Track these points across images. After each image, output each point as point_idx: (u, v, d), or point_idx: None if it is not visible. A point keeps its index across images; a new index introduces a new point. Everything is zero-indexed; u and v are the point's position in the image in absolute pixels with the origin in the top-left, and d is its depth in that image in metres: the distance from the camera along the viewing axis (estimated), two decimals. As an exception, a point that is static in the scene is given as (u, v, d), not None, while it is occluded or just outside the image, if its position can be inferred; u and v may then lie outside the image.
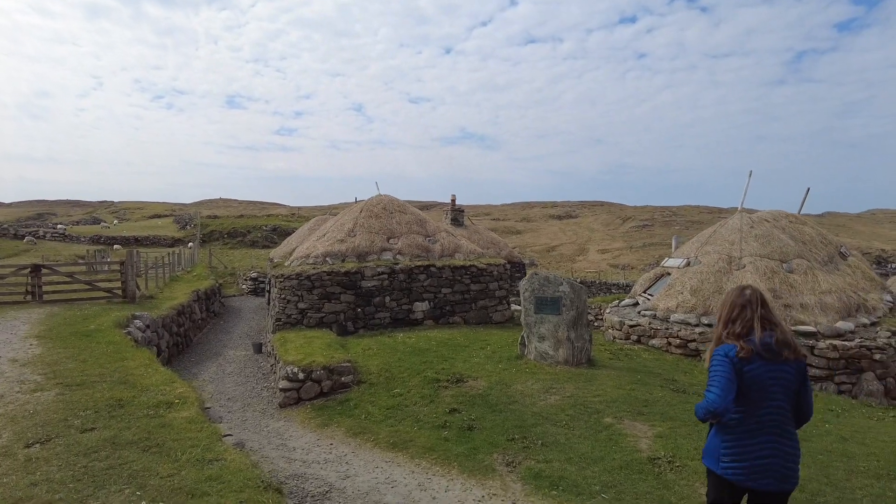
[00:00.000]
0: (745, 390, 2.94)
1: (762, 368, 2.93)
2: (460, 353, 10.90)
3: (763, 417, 2.95)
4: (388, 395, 8.99)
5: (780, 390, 2.95)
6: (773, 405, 2.95)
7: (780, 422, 2.96)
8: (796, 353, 2.98)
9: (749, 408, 2.96)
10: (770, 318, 3.06)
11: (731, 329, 3.06)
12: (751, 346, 2.94)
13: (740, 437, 2.98)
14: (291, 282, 14.15)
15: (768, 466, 2.92)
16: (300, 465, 6.80)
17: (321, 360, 9.91)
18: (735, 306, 3.12)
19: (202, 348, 17.17)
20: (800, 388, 3.02)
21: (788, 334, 3.06)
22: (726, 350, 3.00)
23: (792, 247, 12.48)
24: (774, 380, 2.94)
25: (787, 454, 2.96)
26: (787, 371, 2.96)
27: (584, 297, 9.75)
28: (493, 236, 32.52)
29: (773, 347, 2.95)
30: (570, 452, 6.06)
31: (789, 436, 2.99)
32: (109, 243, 52.64)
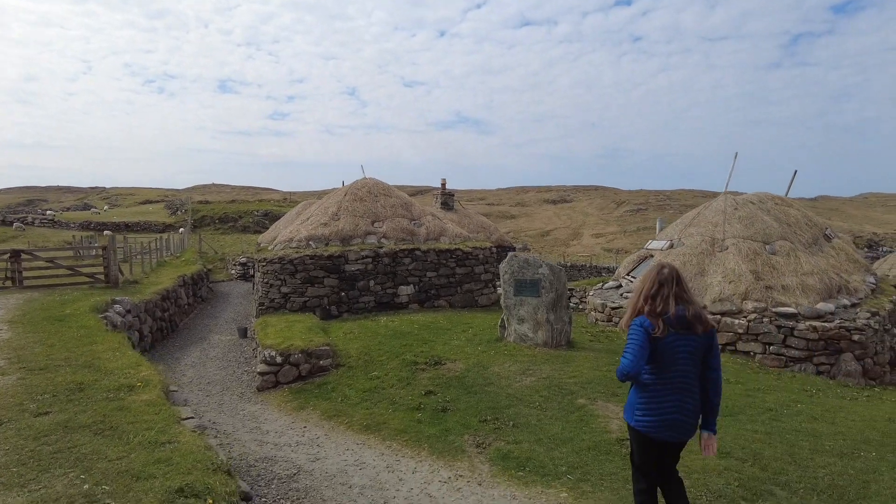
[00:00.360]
0: (657, 357, 3.31)
1: (674, 339, 3.28)
2: (441, 336, 10.86)
3: (672, 380, 3.33)
4: (365, 378, 8.95)
5: (687, 358, 3.32)
6: (680, 370, 3.32)
7: (685, 384, 3.34)
8: (705, 326, 3.33)
9: (660, 371, 3.34)
10: (683, 295, 3.36)
11: (651, 305, 3.34)
12: (667, 324, 3.27)
13: (652, 396, 3.37)
14: (274, 266, 14.04)
15: (673, 421, 3.35)
16: (271, 447, 6.76)
17: (300, 344, 9.84)
18: (654, 282, 3.40)
19: (188, 333, 17.07)
20: (706, 355, 3.39)
21: (699, 310, 3.38)
22: (642, 321, 3.31)
23: (775, 228, 12.44)
24: (683, 349, 3.30)
25: (689, 411, 3.37)
26: (696, 342, 3.32)
27: (563, 280, 9.70)
28: (484, 220, 32.44)
29: (686, 321, 3.29)
30: (541, 433, 6.04)
31: (692, 395, 3.38)
32: (99, 229, 52.26)
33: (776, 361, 10.09)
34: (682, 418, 3.35)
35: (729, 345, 10.50)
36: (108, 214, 69.03)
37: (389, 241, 15.25)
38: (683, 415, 3.35)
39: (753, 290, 10.86)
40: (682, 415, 3.34)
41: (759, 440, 5.38)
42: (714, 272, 11.47)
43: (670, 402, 3.33)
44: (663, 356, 3.29)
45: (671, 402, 3.33)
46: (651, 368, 3.34)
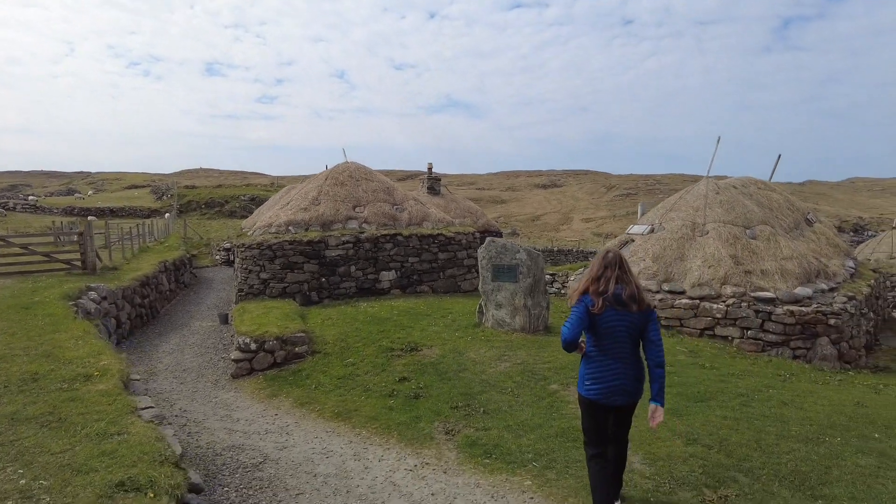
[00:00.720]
0: (600, 332, 3.71)
1: (613, 316, 3.68)
2: (420, 322, 10.77)
3: (612, 351, 3.73)
4: (341, 365, 8.86)
5: (625, 332, 3.71)
6: (618, 343, 3.72)
7: (624, 355, 3.75)
8: (641, 305, 3.72)
9: (603, 344, 3.74)
10: (624, 277, 3.75)
11: (595, 286, 3.73)
12: (605, 301, 3.65)
13: (597, 367, 3.78)
14: (252, 251, 13.85)
15: (618, 387, 3.77)
16: (240, 435, 6.67)
17: (275, 331, 9.72)
18: (601, 266, 3.81)
19: (168, 319, 16.87)
20: (645, 331, 3.76)
21: (637, 290, 3.75)
22: (585, 298, 3.73)
23: (757, 213, 12.42)
24: (620, 324, 3.69)
25: (631, 377, 3.80)
26: (634, 318, 3.71)
27: (541, 265, 9.61)
28: (471, 205, 32.27)
29: (622, 300, 3.68)
30: (511, 420, 5.99)
31: (633, 364, 3.81)
32: (83, 214, 51.54)
33: (753, 346, 10.11)
34: (624, 383, 3.77)
35: (707, 329, 10.51)
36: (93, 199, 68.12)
37: (371, 226, 15.09)
38: (626, 381, 3.78)
39: (733, 275, 10.84)
40: (624, 381, 3.77)
41: (727, 426, 5.35)
42: (694, 257, 11.44)
43: (612, 371, 3.74)
44: (603, 331, 3.70)
45: (613, 371, 3.74)
46: (594, 342, 3.77)
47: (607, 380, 3.75)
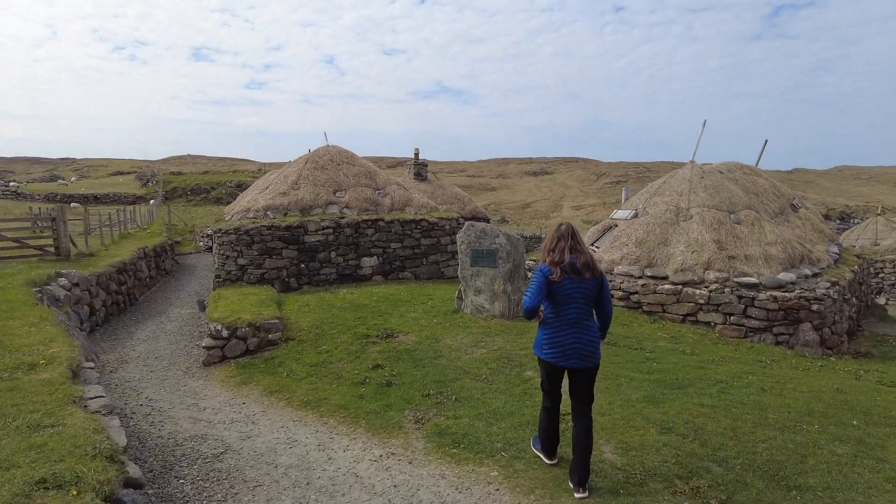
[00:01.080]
0: (556, 298, 3.98)
1: (569, 283, 3.94)
2: (399, 309, 10.55)
3: (568, 317, 3.98)
4: (315, 352, 8.62)
5: (581, 298, 3.97)
6: (575, 308, 3.97)
7: (580, 320, 3.99)
8: (594, 273, 3.99)
9: (559, 310, 4.00)
10: (576, 246, 4.02)
11: (551, 256, 4.02)
12: (563, 270, 3.93)
13: (554, 332, 4.03)
14: (229, 237, 13.52)
15: (573, 350, 3.99)
16: (204, 425, 6.43)
17: (248, 318, 9.45)
18: (554, 238, 4.08)
19: (147, 307, 16.52)
20: (598, 296, 4.05)
21: (590, 258, 4.01)
22: (542, 268, 4.01)
23: (742, 198, 12.26)
24: (576, 291, 3.95)
25: (587, 341, 4.01)
26: (588, 285, 3.98)
27: (521, 250, 9.40)
28: (458, 191, 31.96)
29: (577, 268, 3.95)
30: (482, 408, 5.79)
31: (588, 329, 4.03)
32: (66, 201, 50.72)
33: (736, 332, 9.99)
34: (579, 347, 3.99)
35: (690, 315, 10.37)
36: (76, 186, 67.01)
37: (352, 211, 14.79)
38: (581, 344, 3.99)
39: (716, 260, 10.70)
40: (579, 344, 3.98)
41: (703, 414, 5.18)
42: (677, 242, 11.27)
43: (568, 335, 3.98)
44: (560, 297, 3.96)
45: (569, 335, 3.98)
46: (552, 308, 4.04)
47: (563, 343, 4.00)
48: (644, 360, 7.16)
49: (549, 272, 3.93)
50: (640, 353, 7.65)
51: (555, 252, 4.00)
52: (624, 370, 6.66)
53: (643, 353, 7.58)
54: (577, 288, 3.94)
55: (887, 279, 23.26)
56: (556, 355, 4.03)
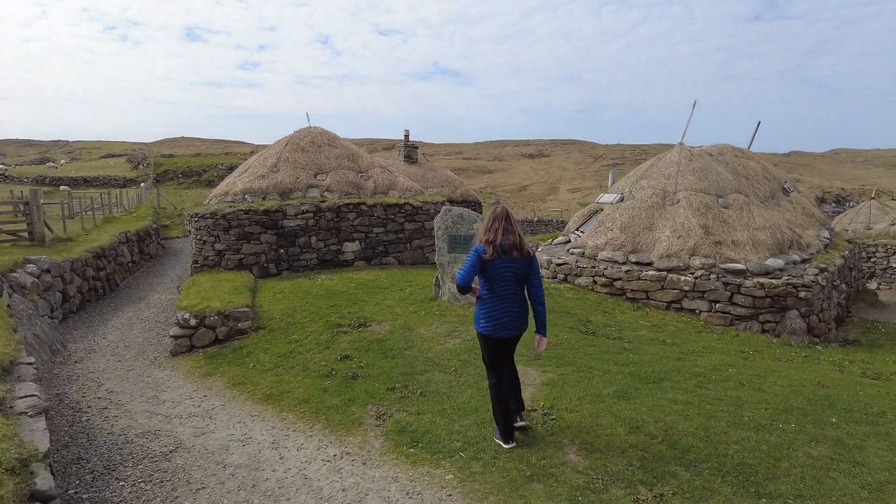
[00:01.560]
0: (492, 277, 4.29)
1: (500, 262, 4.24)
2: (375, 296, 10.24)
3: (501, 293, 4.32)
4: (284, 342, 8.34)
5: (511, 276, 4.29)
6: (506, 285, 4.30)
7: (511, 295, 4.33)
8: (523, 252, 4.29)
9: (492, 287, 4.32)
10: (509, 228, 4.29)
11: (486, 236, 4.29)
12: (495, 249, 4.21)
13: (490, 307, 4.36)
14: (206, 221, 13.15)
15: (506, 323, 4.36)
16: (160, 420, 6.16)
17: (218, 306, 9.15)
18: (491, 219, 4.37)
19: (127, 292, 16.20)
20: (527, 275, 4.36)
21: (518, 240, 4.29)
22: (478, 248, 4.29)
23: (731, 181, 11.93)
24: (507, 269, 4.27)
25: (517, 314, 4.38)
26: (518, 264, 4.29)
27: (499, 235, 9.07)
28: (449, 174, 31.52)
29: (506, 248, 4.23)
30: (447, 403, 5.51)
31: (518, 303, 4.39)
32: (56, 184, 49.97)
33: (721, 320, 9.74)
34: (512, 320, 4.37)
35: (674, 303, 10.11)
36: (66, 169, 66.18)
37: (333, 195, 14.40)
38: (512, 317, 4.37)
39: (702, 246, 10.41)
40: (511, 317, 4.36)
41: (676, 411, 4.92)
42: (663, 227, 10.97)
43: (501, 310, 4.33)
44: (493, 275, 4.27)
45: (502, 310, 4.33)
46: (487, 286, 4.35)
47: (498, 317, 4.34)
48: (621, 351, 6.89)
49: (482, 251, 4.24)
50: (618, 343, 7.37)
51: (490, 232, 4.29)
52: (598, 362, 6.38)
53: (621, 344, 7.31)
54: (507, 267, 4.26)
55: (879, 263, 23.05)
56: (493, 328, 4.36)
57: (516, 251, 4.24)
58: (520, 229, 4.39)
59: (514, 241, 4.25)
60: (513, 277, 4.27)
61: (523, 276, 4.32)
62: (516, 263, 4.27)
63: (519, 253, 4.25)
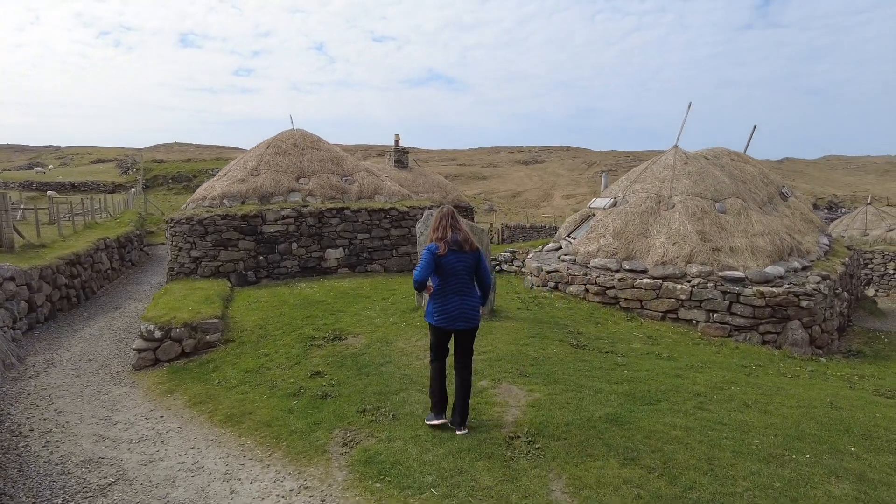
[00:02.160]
0: (445, 272, 4.50)
1: (453, 257, 4.49)
2: (355, 306, 9.69)
3: (453, 287, 4.53)
4: (253, 356, 7.77)
5: (463, 270, 4.54)
6: (458, 279, 4.53)
7: (463, 289, 4.56)
8: (472, 247, 4.56)
9: (445, 282, 4.52)
10: (456, 225, 4.58)
11: (436, 234, 4.55)
12: (446, 244, 4.47)
13: (442, 301, 4.55)
14: (182, 227, 12.57)
15: (458, 315, 4.54)
16: (107, 445, 5.58)
17: (185, 317, 8.57)
18: (438, 218, 4.62)
19: (103, 301, 15.55)
20: (477, 268, 4.62)
21: (468, 235, 4.60)
22: (430, 246, 4.52)
23: (727, 185, 11.47)
24: (460, 264, 4.52)
25: (470, 307, 4.60)
26: (468, 258, 4.56)
27: (486, 241, 8.55)
28: (441, 179, 31.05)
29: (458, 243, 4.50)
30: (421, 428, 4.96)
31: (470, 296, 4.62)
32: (43, 189, 49.25)
33: (720, 330, 9.24)
34: (464, 312, 4.57)
35: (670, 312, 9.60)
36: (54, 174, 65.40)
37: (316, 199, 13.86)
38: (465, 311, 4.57)
39: (699, 253, 9.92)
40: (463, 311, 4.57)
41: (675, 439, 4.39)
42: (658, 233, 10.48)
43: (454, 303, 4.54)
44: (446, 270, 4.49)
45: (455, 303, 4.54)
46: (439, 281, 4.54)
47: (451, 311, 4.55)
48: (614, 367, 6.37)
49: (435, 248, 4.49)
50: (610, 357, 6.85)
51: (438, 230, 4.57)
52: (590, 379, 5.85)
53: (614, 358, 6.78)
54: (459, 261, 4.53)
55: (876, 270, 22.71)
56: (445, 321, 4.56)
57: (467, 245, 4.55)
58: (465, 226, 4.74)
59: (465, 236, 4.58)
60: (465, 271, 4.56)
61: (473, 269, 4.62)
62: (467, 257, 4.56)
63: (469, 247, 4.57)
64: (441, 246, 4.47)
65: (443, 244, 4.48)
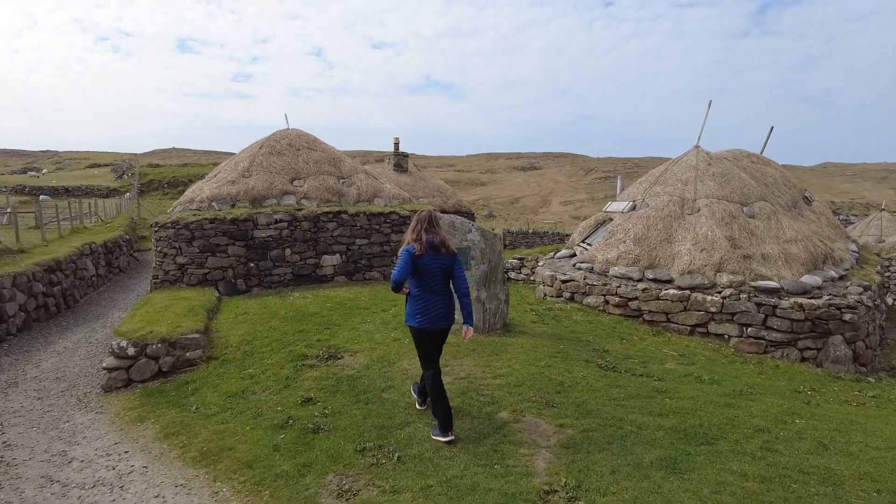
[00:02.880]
0: (422, 273, 4.61)
1: (429, 258, 4.60)
2: (352, 319, 8.81)
3: (431, 288, 4.64)
4: (238, 377, 6.87)
5: (439, 272, 4.65)
6: (435, 281, 4.65)
7: (440, 290, 4.67)
8: (448, 250, 4.68)
9: (423, 283, 4.64)
10: (432, 229, 4.70)
11: (413, 235, 4.68)
12: (423, 246, 4.58)
13: (423, 302, 4.64)
14: (167, 231, 11.69)
15: (437, 316, 4.64)
16: (54, 492, 4.68)
17: (163, 331, 7.67)
18: (415, 222, 4.75)
19: (86, 310, 14.64)
20: (452, 270, 4.71)
21: (444, 238, 4.70)
22: (408, 247, 4.61)
23: (754, 188, 10.65)
24: (436, 265, 4.62)
25: (447, 307, 4.71)
26: (445, 260, 4.66)
27: (498, 248, 7.70)
28: (441, 184, 30.23)
29: (435, 245, 4.63)
30: (433, 476, 4.08)
31: (446, 297, 4.73)
32: (35, 193, 48.38)
33: (754, 346, 8.39)
34: (442, 313, 4.64)
35: (699, 326, 8.75)
36: (47, 178, 64.60)
37: (311, 203, 12.99)
38: (443, 309, 4.65)
39: (729, 260, 9.08)
40: (443, 310, 4.65)
41: (751, 493, 3.52)
42: (683, 238, 9.64)
43: (433, 303, 4.60)
44: (424, 271, 4.57)
45: (432, 304, 4.60)
46: (417, 283, 4.62)
47: (430, 311, 4.57)
48: (653, 394, 5.50)
49: (413, 249, 4.50)
50: (646, 381, 5.98)
51: (414, 232, 4.63)
52: (628, 411, 4.99)
53: (650, 383, 5.91)
54: (436, 262, 4.55)
55: (893, 278, 21.91)
56: (427, 321, 4.56)
57: (443, 248, 4.59)
58: (442, 231, 4.73)
59: (442, 239, 4.62)
60: (441, 272, 4.59)
61: (449, 271, 4.64)
62: (443, 259, 4.60)
63: (446, 250, 4.61)
64: (417, 247, 4.51)
65: (419, 245, 4.52)
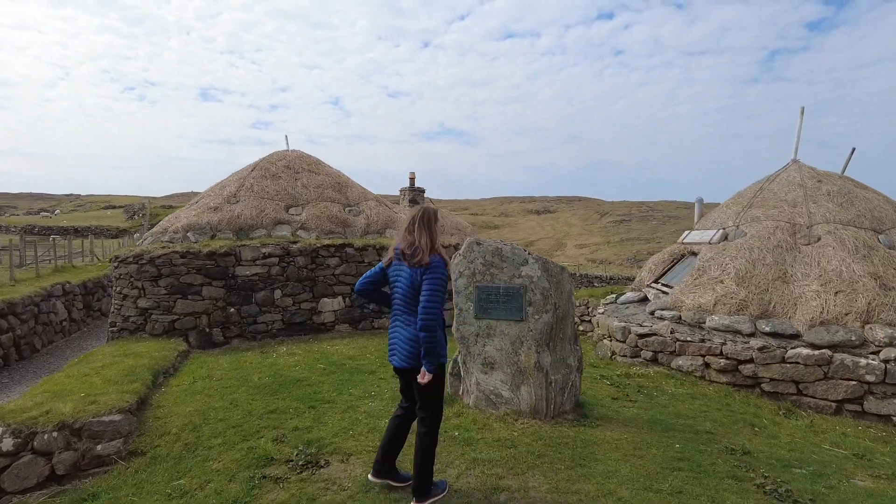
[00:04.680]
0: (392, 288, 3.59)
1: (394, 268, 3.54)
2: (352, 389, 6.25)
3: (394, 308, 3.54)
4: (163, 493, 4.31)
5: (404, 283, 3.45)
6: (398, 294, 3.50)
7: (401, 311, 3.48)
8: (419, 261, 3.38)
9: (393, 302, 3.57)
10: (411, 228, 3.49)
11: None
12: (394, 256, 3.55)
13: (390, 326, 3.60)
14: (128, 267, 9.35)
15: (394, 348, 3.53)
16: None
17: (66, 410, 5.15)
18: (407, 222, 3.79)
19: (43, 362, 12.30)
20: (421, 283, 3.37)
21: (415, 242, 3.41)
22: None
23: (889, 212, 8.09)
24: (400, 279, 3.47)
25: (403, 338, 3.44)
26: (411, 272, 3.41)
27: (567, 288, 5.18)
28: (460, 221, 27.94)
29: (399, 252, 3.50)
30: None
31: (407, 324, 3.44)
32: (45, 234, 47.41)
33: (941, 435, 5.66)
34: (396, 342, 3.49)
35: (849, 401, 6.05)
36: (58, 219, 64.18)
37: (310, 234, 10.64)
38: (397, 340, 3.48)
39: (879, 307, 6.45)
40: (396, 340, 3.49)
41: None
42: (804, 276, 7.05)
43: (393, 329, 3.54)
44: (392, 286, 3.57)
45: (393, 329, 3.54)
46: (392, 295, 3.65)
47: (391, 339, 3.58)
48: None
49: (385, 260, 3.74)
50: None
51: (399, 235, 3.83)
52: None
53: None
54: (399, 274, 3.49)
55: None
56: (390, 352, 3.58)
57: (413, 258, 3.36)
58: (433, 235, 3.40)
59: (412, 241, 3.41)
60: (405, 283, 3.42)
61: (418, 287, 3.35)
62: (409, 271, 3.40)
63: (416, 261, 3.35)
64: (386, 260, 3.57)
65: (389, 257, 3.55)
